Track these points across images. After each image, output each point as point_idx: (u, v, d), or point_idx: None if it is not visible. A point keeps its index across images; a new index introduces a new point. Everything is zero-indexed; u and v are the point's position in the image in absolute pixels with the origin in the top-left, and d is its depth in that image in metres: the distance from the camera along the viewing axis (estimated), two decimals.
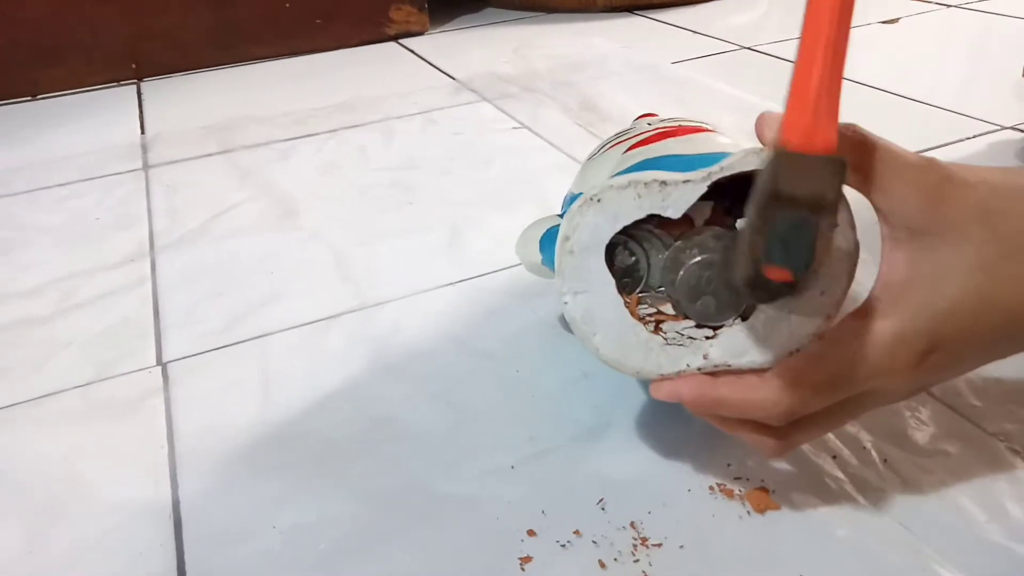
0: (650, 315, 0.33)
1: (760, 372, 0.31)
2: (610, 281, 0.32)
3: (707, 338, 0.32)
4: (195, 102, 0.92)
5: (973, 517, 0.33)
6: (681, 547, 0.33)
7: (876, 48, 0.94)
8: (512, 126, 0.78)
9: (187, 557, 0.34)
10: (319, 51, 1.07)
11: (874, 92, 0.80)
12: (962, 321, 0.28)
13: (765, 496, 0.35)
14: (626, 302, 0.32)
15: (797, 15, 0.26)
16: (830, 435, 0.38)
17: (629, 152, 0.38)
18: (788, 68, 0.27)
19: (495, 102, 0.84)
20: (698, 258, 0.32)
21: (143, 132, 0.83)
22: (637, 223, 0.31)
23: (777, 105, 0.27)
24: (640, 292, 0.34)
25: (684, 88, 0.84)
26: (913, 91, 0.79)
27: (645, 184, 0.30)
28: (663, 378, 0.32)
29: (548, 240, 0.41)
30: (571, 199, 0.41)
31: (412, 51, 1.06)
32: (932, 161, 0.29)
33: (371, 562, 0.33)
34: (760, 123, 0.29)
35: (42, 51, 0.95)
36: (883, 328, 0.28)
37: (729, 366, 0.31)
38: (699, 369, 0.31)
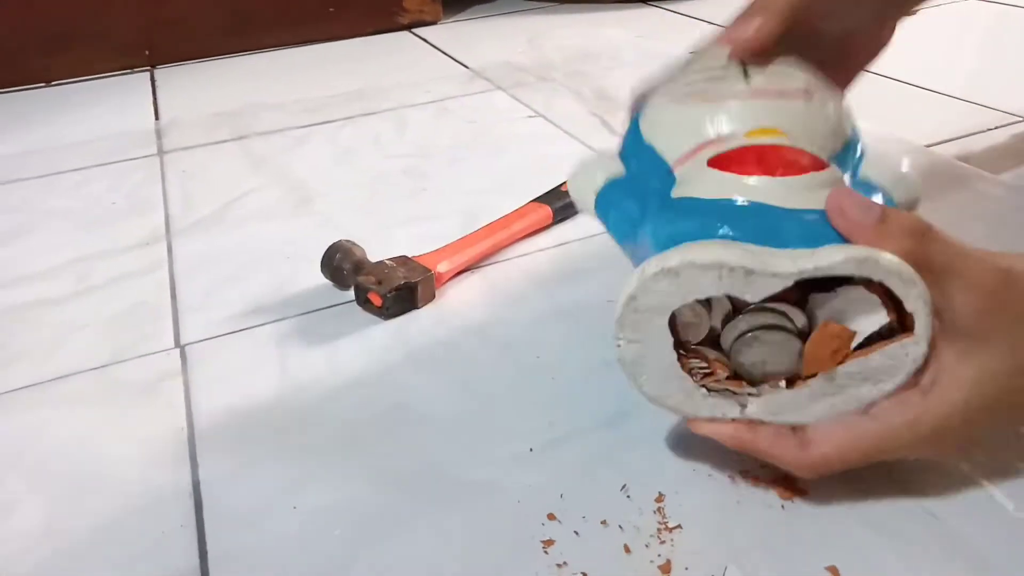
0: (700, 367, 0.33)
1: (794, 428, 0.32)
2: (669, 340, 0.31)
3: (749, 394, 0.32)
4: (208, 89, 0.91)
5: (1002, 505, 0.33)
6: (706, 534, 0.33)
7: (896, 40, 0.93)
8: (527, 115, 0.78)
9: (208, 538, 0.34)
10: (332, 40, 1.07)
11: (895, 84, 0.79)
12: (998, 417, 0.31)
13: (791, 484, 0.35)
14: (680, 354, 0.32)
15: None
16: None
17: (712, 169, 0.33)
18: None
19: (509, 91, 0.84)
20: (761, 330, 0.31)
21: (157, 118, 0.83)
22: None
23: None
24: (694, 346, 0.33)
25: None
26: (934, 82, 0.79)
27: (731, 269, 0.29)
28: (699, 418, 0.33)
29: (606, 203, 0.37)
30: (635, 141, 0.37)
31: (425, 40, 1.05)
32: (993, 259, 0.29)
33: (391, 544, 0.33)
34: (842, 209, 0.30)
35: (55, 38, 0.95)
36: (924, 420, 0.30)
37: (763, 421, 0.32)
38: (733, 419, 0.33)
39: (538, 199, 0.57)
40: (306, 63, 0.99)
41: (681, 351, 0.32)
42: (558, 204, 0.57)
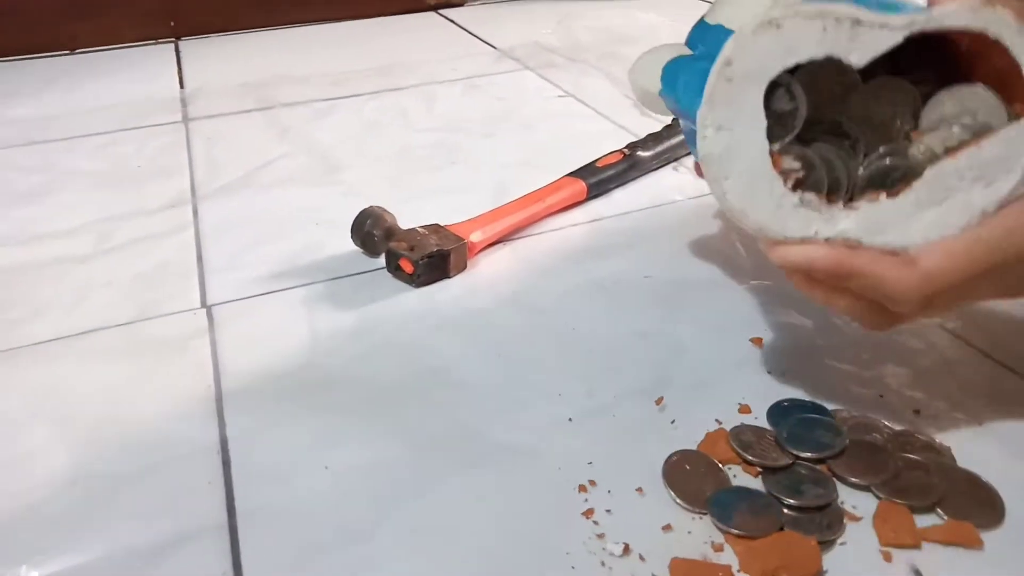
0: (793, 170, 0.30)
1: (894, 254, 0.29)
2: (762, 123, 0.29)
3: (845, 207, 0.29)
4: (234, 61, 0.90)
5: None
6: None
7: None
8: (557, 94, 0.76)
9: (236, 494, 0.33)
10: (357, 18, 1.06)
11: None
12: None
13: None
14: (772, 150, 0.29)
15: None
16: None
17: None
18: None
19: (539, 71, 0.83)
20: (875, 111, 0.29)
21: (182, 87, 0.82)
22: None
23: None
24: (788, 142, 0.30)
25: None
26: None
27: (836, 20, 0.27)
28: (787, 241, 0.30)
29: (674, 70, 0.36)
30: (701, 28, 0.36)
31: (452, 20, 1.04)
32: None
33: (424, 504, 0.32)
34: None
35: (81, 5, 0.94)
36: None
37: (860, 242, 0.29)
38: (827, 239, 0.29)
39: (572, 174, 0.56)
40: (331, 39, 0.98)
41: (773, 149, 0.30)
42: (592, 180, 0.55)
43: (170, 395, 0.39)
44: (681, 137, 0.60)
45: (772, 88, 0.29)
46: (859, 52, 0.27)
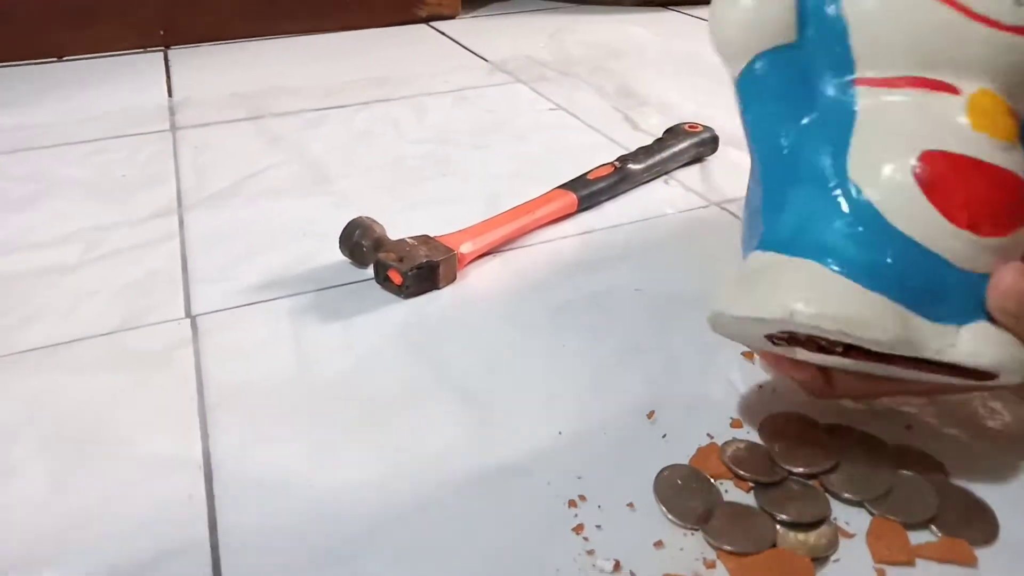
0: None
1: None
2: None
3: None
4: (224, 71, 0.90)
5: None
6: None
7: None
8: (548, 107, 0.76)
9: (218, 509, 0.32)
10: (348, 29, 1.05)
11: None
12: None
13: None
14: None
15: None
16: None
17: (916, 185, 0.25)
18: None
19: (530, 84, 0.83)
20: None
21: (171, 96, 0.82)
22: None
23: None
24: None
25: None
26: None
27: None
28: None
29: (760, 79, 0.28)
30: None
31: (443, 33, 1.04)
32: None
33: (411, 522, 0.32)
34: None
35: (70, 13, 0.94)
36: None
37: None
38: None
39: (563, 186, 0.56)
40: (323, 50, 0.98)
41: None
42: (583, 192, 0.55)
43: (153, 407, 0.38)
44: (672, 151, 0.60)
45: None
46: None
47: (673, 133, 0.62)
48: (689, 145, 0.61)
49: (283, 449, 0.35)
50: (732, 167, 0.62)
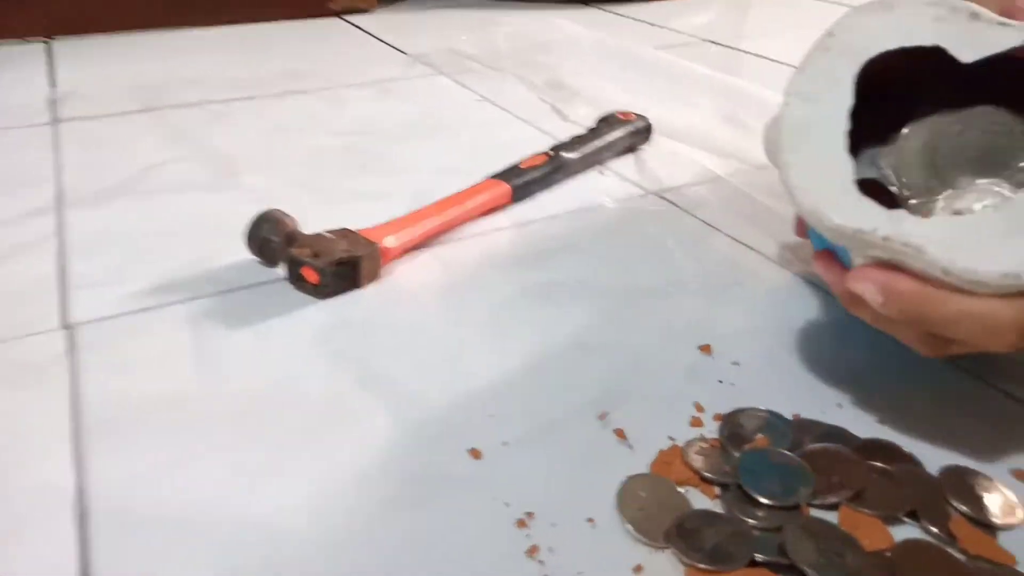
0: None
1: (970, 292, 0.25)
2: (848, 100, 0.27)
3: (917, 213, 0.27)
4: (117, 63, 0.82)
5: None
6: None
7: None
8: (474, 99, 0.72)
9: (93, 555, 0.26)
10: (255, 22, 0.99)
11: None
12: None
13: None
14: (849, 131, 0.27)
15: (752, 17, 0.22)
16: None
17: None
18: (760, 63, 0.22)
19: (454, 76, 0.79)
20: (969, 127, 0.27)
21: (54, 86, 0.73)
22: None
23: (770, 91, 0.23)
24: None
25: (662, 70, 0.80)
26: None
27: (954, 8, 0.25)
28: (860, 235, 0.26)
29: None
30: None
31: (358, 27, 0.99)
32: None
33: (340, 551, 0.27)
34: None
35: None
36: None
37: (921, 250, 0.25)
38: (884, 238, 0.26)
39: (496, 175, 0.52)
40: (230, 43, 0.91)
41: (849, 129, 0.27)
42: (517, 181, 0.51)
43: (22, 431, 0.32)
44: (607, 140, 0.57)
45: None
46: (970, 48, 0.25)
47: (606, 122, 0.59)
48: (624, 134, 0.59)
49: (181, 478, 0.30)
50: (667, 155, 0.60)
